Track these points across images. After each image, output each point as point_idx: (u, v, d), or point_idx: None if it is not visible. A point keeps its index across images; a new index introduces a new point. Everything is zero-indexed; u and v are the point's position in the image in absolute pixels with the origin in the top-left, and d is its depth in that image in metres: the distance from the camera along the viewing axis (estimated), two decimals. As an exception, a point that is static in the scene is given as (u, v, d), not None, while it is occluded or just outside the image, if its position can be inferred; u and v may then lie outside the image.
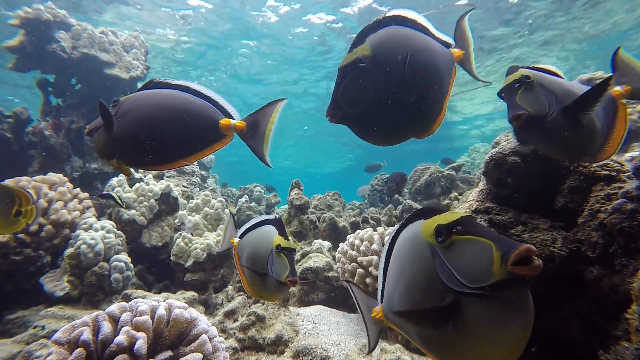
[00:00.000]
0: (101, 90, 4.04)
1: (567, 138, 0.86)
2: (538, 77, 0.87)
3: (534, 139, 0.90)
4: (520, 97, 0.85)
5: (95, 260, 2.28)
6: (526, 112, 0.83)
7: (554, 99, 0.85)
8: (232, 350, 1.70)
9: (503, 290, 0.53)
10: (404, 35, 0.82)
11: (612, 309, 0.99)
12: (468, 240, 0.58)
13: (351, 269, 2.04)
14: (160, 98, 0.91)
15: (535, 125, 0.85)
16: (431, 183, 4.30)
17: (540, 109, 0.84)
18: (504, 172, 1.26)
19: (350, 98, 0.78)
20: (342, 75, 0.79)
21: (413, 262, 0.66)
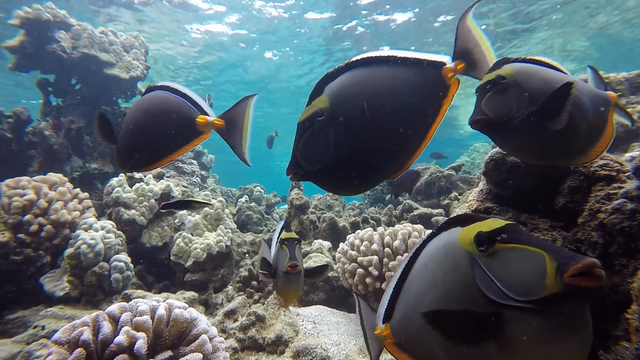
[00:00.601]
0: (101, 90, 4.04)
1: (533, 142, 0.82)
2: (520, 75, 0.80)
3: (498, 142, 0.87)
4: (487, 99, 0.80)
5: (95, 260, 2.28)
6: (485, 117, 0.79)
7: (528, 100, 0.78)
8: (232, 350, 1.70)
9: (557, 305, 0.48)
10: (364, 78, 0.75)
11: (612, 309, 0.99)
12: (514, 249, 0.53)
13: (351, 269, 2.04)
14: (144, 102, 1.00)
15: (496, 129, 0.81)
16: (431, 183, 4.30)
17: (502, 114, 0.79)
18: (504, 172, 1.26)
19: (310, 155, 0.74)
20: (300, 131, 0.74)
21: (447, 272, 0.61)
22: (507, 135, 0.82)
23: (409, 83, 0.76)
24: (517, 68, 0.82)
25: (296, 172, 0.75)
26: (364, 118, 0.72)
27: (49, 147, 3.50)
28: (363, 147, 0.73)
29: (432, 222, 3.48)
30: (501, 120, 0.79)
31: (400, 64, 0.77)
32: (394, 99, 0.74)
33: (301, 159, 0.74)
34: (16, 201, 2.21)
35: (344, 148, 0.72)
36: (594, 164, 1.14)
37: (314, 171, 0.74)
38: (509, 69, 0.80)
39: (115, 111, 4.06)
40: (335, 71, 0.77)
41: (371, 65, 0.76)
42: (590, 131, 0.86)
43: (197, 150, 5.56)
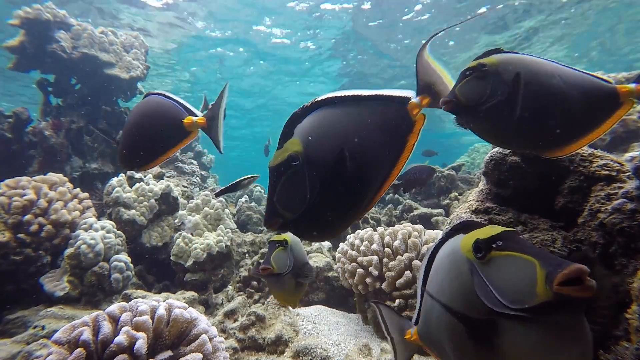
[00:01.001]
0: (101, 90, 4.04)
1: (496, 130, 0.85)
2: (503, 65, 0.82)
3: (466, 125, 0.89)
4: (463, 84, 0.83)
5: (95, 260, 2.28)
6: (454, 100, 0.82)
7: (503, 89, 0.81)
8: (232, 350, 1.70)
9: (548, 314, 0.47)
10: (333, 119, 0.75)
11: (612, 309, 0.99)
12: (509, 256, 0.53)
13: (351, 269, 2.04)
14: (140, 106, 1.12)
15: (463, 113, 0.84)
16: (431, 183, 4.29)
17: (473, 99, 0.82)
18: (504, 172, 1.26)
19: (289, 201, 0.71)
20: (275, 176, 0.71)
21: (452, 279, 0.62)
22: (473, 119, 0.85)
23: (375, 121, 0.76)
24: (503, 58, 0.84)
25: (275, 222, 0.71)
26: (338, 161, 0.71)
27: (49, 147, 3.51)
28: (339, 190, 0.72)
29: (432, 222, 3.48)
30: (470, 105, 0.82)
31: (365, 102, 0.77)
32: (363, 139, 0.74)
33: (279, 206, 0.71)
34: (16, 201, 2.21)
35: (320, 193, 0.71)
36: (594, 164, 1.14)
37: (293, 219, 0.71)
38: (495, 59, 0.83)
39: (115, 111, 4.06)
40: (302, 111, 0.75)
41: (338, 105, 0.76)
42: (574, 125, 0.86)
43: (197, 151, 5.56)
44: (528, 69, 0.83)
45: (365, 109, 0.77)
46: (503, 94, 0.81)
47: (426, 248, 1.90)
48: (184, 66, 8.95)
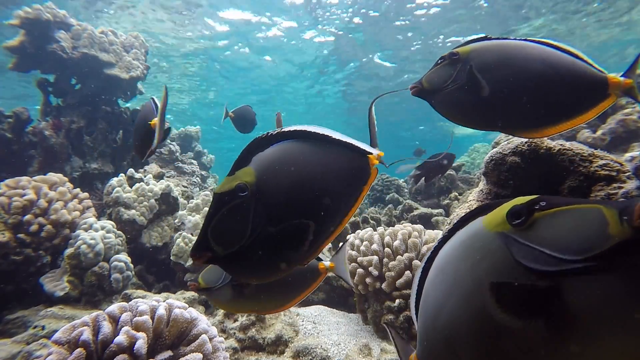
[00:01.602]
0: (101, 90, 4.04)
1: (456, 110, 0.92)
2: (476, 53, 0.88)
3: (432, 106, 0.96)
4: (432, 71, 0.91)
5: (95, 260, 2.28)
6: (419, 86, 0.91)
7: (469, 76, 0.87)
8: (232, 350, 1.70)
9: (628, 257, 0.38)
10: (295, 156, 0.70)
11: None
12: (558, 212, 0.46)
13: (351, 269, 2.04)
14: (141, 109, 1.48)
15: (426, 96, 0.93)
16: (431, 183, 4.30)
17: (437, 84, 0.90)
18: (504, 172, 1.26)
19: (224, 235, 0.65)
20: (217, 204, 0.66)
21: (474, 264, 0.53)
22: (434, 102, 0.93)
23: (339, 167, 0.74)
24: (478, 46, 0.89)
25: (204, 255, 0.64)
26: (289, 200, 0.67)
27: (49, 147, 3.51)
28: (286, 232, 0.67)
29: (432, 222, 3.48)
30: (433, 89, 0.90)
31: (331, 145, 0.75)
32: (320, 182, 0.71)
33: (212, 238, 0.64)
34: (16, 201, 2.21)
35: (263, 232, 0.65)
36: (594, 164, 1.14)
37: (224, 255, 0.65)
38: (469, 47, 0.89)
39: (115, 111, 4.06)
40: (265, 139, 0.71)
41: (305, 141, 0.73)
42: (552, 109, 0.89)
43: (197, 151, 5.56)
44: (502, 54, 0.87)
45: (332, 152, 0.74)
46: (463, 78, 0.87)
47: (426, 248, 1.90)
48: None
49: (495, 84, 0.85)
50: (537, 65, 0.85)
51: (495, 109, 0.89)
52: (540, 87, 0.85)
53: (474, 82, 0.86)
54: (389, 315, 1.87)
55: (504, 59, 0.86)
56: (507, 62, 0.86)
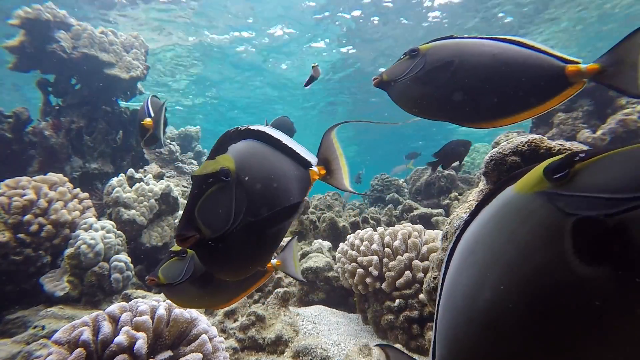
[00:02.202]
0: (101, 90, 4.04)
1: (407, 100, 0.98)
2: (434, 49, 0.94)
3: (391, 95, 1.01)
4: (395, 64, 0.97)
5: (95, 260, 2.28)
6: (379, 78, 0.97)
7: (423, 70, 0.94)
8: (232, 350, 1.70)
9: None
10: (263, 154, 0.78)
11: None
12: (601, 158, 0.44)
13: (351, 269, 2.04)
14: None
15: (385, 87, 0.99)
16: (431, 183, 4.30)
17: (394, 76, 0.96)
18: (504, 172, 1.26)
19: (212, 217, 0.65)
20: (200, 186, 0.66)
21: (514, 231, 0.48)
22: (390, 91, 0.99)
23: (292, 172, 0.83)
24: (439, 43, 0.95)
25: (193, 237, 0.63)
26: (263, 192, 0.72)
27: (49, 147, 3.50)
28: (262, 222, 0.70)
29: (432, 222, 3.48)
30: (391, 80, 0.97)
31: (284, 151, 0.84)
32: (283, 182, 0.79)
33: (200, 219, 0.64)
34: (16, 201, 2.21)
35: (243, 221, 0.67)
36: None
37: (210, 239, 0.65)
38: (431, 45, 0.96)
39: (115, 111, 4.06)
40: (236, 133, 0.76)
41: (268, 142, 0.81)
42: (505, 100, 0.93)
43: (197, 151, 5.56)
44: (456, 50, 0.94)
45: (286, 157, 0.84)
46: (417, 71, 0.94)
47: (426, 248, 1.90)
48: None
49: (445, 77, 0.92)
50: (486, 60, 0.91)
51: (444, 100, 0.95)
52: (489, 81, 0.91)
53: (427, 74, 0.93)
54: (389, 315, 1.87)
55: (457, 54, 0.93)
56: (460, 57, 0.92)
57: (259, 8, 6.78)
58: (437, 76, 0.92)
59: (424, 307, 1.80)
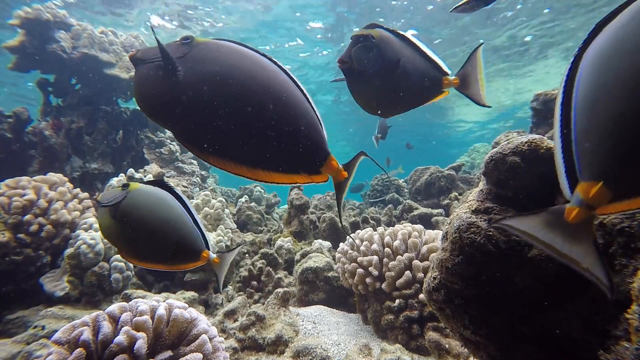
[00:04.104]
0: (101, 90, 4.04)
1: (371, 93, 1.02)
2: (381, 40, 0.99)
3: (351, 86, 1.03)
4: (358, 49, 0.98)
5: (95, 260, 2.28)
6: (350, 62, 0.97)
7: (379, 63, 0.98)
8: (232, 350, 1.70)
9: None
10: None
11: (612, 309, 0.99)
12: None
13: (351, 269, 2.04)
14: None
15: (354, 75, 1.00)
16: (431, 183, 4.30)
17: (363, 65, 0.97)
18: (504, 172, 1.26)
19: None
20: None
21: None
22: (358, 81, 1.00)
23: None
24: (381, 34, 1.00)
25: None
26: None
27: (49, 147, 3.50)
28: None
29: (432, 222, 3.48)
30: (360, 69, 0.98)
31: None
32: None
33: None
34: (16, 201, 2.21)
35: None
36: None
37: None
38: (377, 33, 0.99)
39: (115, 111, 4.06)
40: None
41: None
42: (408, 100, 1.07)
43: (197, 150, 5.55)
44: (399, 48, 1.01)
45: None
46: (377, 64, 0.98)
47: (426, 248, 1.90)
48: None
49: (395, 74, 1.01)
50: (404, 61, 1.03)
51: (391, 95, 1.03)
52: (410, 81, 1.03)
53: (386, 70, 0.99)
54: (389, 315, 1.87)
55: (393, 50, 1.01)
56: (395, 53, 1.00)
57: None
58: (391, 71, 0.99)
59: (424, 307, 1.80)
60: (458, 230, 0.97)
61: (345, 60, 0.97)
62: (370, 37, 0.97)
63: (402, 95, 1.04)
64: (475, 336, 0.95)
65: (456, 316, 0.97)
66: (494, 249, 0.93)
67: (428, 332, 1.73)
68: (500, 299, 0.93)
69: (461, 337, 1.01)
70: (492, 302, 0.93)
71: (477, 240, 0.94)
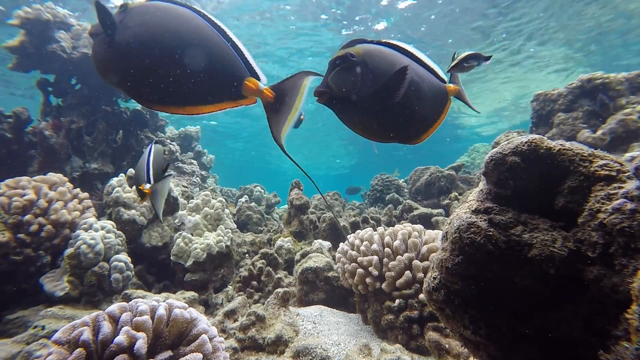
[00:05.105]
0: (101, 90, 4.04)
1: (371, 119, 0.88)
2: (367, 55, 0.86)
3: (339, 116, 0.91)
4: (335, 74, 0.85)
5: (95, 260, 2.28)
6: (328, 91, 0.84)
7: (372, 79, 0.84)
8: (232, 350, 1.70)
9: None
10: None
11: (612, 309, 0.99)
12: None
13: (351, 269, 2.04)
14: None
15: (339, 103, 0.87)
16: (431, 183, 4.30)
17: (347, 89, 0.84)
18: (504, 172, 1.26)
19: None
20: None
21: None
22: (348, 110, 0.87)
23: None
24: (366, 48, 0.88)
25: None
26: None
27: (49, 147, 3.50)
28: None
29: (432, 222, 3.48)
30: (344, 95, 0.85)
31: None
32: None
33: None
34: (16, 201, 2.21)
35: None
36: (594, 164, 1.14)
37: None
38: (359, 49, 0.86)
39: (115, 111, 4.06)
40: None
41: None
42: (425, 116, 0.95)
43: (197, 150, 5.56)
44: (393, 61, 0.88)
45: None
46: (374, 84, 0.85)
47: (426, 248, 1.90)
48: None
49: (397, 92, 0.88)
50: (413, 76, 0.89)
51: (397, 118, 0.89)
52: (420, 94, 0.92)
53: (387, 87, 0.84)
54: (389, 315, 1.87)
55: (388, 63, 0.87)
56: (392, 67, 0.86)
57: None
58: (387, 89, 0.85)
59: (424, 307, 1.80)
60: (458, 230, 0.97)
61: (323, 91, 0.84)
62: (348, 57, 0.83)
63: (417, 111, 0.89)
64: (475, 336, 0.95)
65: (456, 316, 0.97)
66: (494, 249, 0.93)
67: (428, 332, 1.73)
68: (500, 299, 0.93)
69: (461, 337, 1.02)
70: (492, 302, 0.93)
71: (477, 240, 0.95)
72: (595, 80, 3.40)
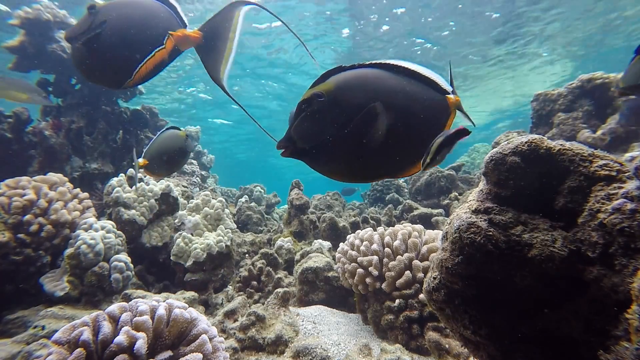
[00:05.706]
0: (101, 90, 4.04)
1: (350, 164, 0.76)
2: (340, 89, 0.73)
3: (311, 166, 0.79)
4: (299, 122, 0.73)
5: (95, 260, 2.28)
6: (290, 146, 0.73)
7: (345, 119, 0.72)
8: (232, 350, 1.70)
9: None
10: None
11: (612, 309, 0.99)
12: None
13: (351, 269, 2.04)
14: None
15: (306, 155, 0.76)
16: (431, 183, 4.30)
17: (313, 138, 0.72)
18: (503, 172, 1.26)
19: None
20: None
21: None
22: (320, 158, 0.75)
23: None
24: (339, 80, 0.75)
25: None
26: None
27: (49, 147, 3.50)
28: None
29: (432, 222, 3.48)
30: (312, 145, 0.73)
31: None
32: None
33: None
34: (16, 201, 2.21)
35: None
36: (594, 164, 1.14)
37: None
38: (331, 83, 0.74)
39: (115, 111, 4.06)
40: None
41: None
42: (422, 140, 0.80)
43: (197, 150, 5.56)
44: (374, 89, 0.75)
45: None
46: (347, 123, 0.72)
47: (426, 248, 1.90)
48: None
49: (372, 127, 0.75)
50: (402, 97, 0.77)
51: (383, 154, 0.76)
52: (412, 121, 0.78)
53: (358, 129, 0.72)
54: (389, 315, 1.87)
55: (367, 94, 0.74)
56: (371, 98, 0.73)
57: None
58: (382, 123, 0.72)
59: (424, 307, 1.80)
60: (458, 230, 0.97)
61: (285, 145, 0.73)
62: (314, 99, 0.72)
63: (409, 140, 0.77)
64: (475, 336, 0.95)
65: (456, 316, 0.97)
66: (494, 249, 0.93)
67: (428, 332, 1.73)
68: (500, 299, 0.93)
69: (461, 337, 1.02)
70: (492, 302, 0.93)
71: (477, 240, 0.95)
72: (595, 80, 3.40)
